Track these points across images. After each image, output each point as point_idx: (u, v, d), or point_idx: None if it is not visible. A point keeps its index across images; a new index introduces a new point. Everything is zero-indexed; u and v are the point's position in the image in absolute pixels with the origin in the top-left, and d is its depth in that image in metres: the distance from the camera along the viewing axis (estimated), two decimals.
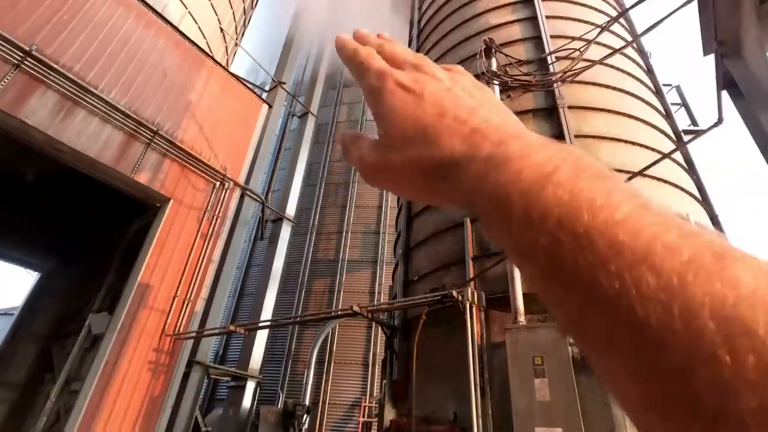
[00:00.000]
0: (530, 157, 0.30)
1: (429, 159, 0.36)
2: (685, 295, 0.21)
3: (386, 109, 0.39)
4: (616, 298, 0.23)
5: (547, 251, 0.26)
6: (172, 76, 8.54)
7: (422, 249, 5.77)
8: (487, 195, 0.31)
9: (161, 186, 7.87)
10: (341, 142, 0.47)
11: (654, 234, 0.24)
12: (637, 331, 0.22)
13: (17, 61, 6.38)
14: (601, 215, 0.25)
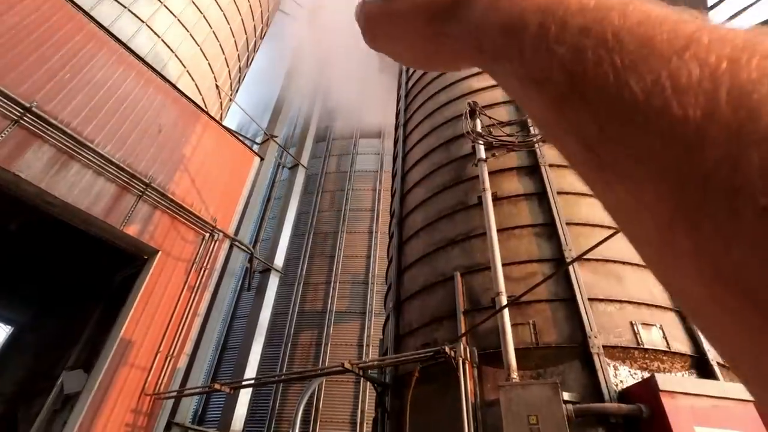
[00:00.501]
0: None
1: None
2: (737, 77, 0.18)
3: None
4: (648, 99, 0.20)
5: (565, 65, 0.24)
6: (167, 131, 8.78)
7: (413, 302, 5.79)
8: (498, 24, 0.28)
9: (150, 238, 7.84)
10: (356, 9, 0.43)
11: (699, 27, 0.20)
12: (670, 129, 0.19)
13: (17, 116, 6.54)
14: (634, 15, 0.22)
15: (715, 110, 0.18)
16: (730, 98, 0.17)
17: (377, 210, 15.63)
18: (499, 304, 4.40)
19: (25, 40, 7.06)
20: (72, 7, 7.82)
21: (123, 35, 9.09)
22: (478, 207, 5.52)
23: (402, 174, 7.72)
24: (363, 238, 15.18)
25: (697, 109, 0.18)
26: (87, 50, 7.82)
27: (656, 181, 0.19)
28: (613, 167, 0.22)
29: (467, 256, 5.39)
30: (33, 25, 7.26)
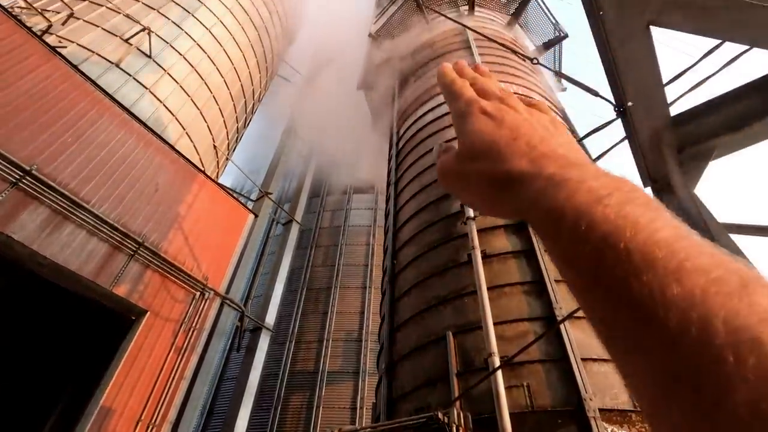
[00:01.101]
0: (587, 182, 0.35)
1: (499, 171, 0.42)
2: (704, 306, 0.24)
3: (469, 128, 0.46)
4: (644, 303, 0.26)
5: (590, 261, 0.30)
6: (163, 190, 8.95)
7: (406, 364, 5.65)
8: (544, 209, 0.36)
9: (139, 298, 7.73)
10: (436, 150, 0.53)
11: (687, 256, 0.27)
12: (658, 333, 0.25)
13: (16, 179, 6.68)
14: (642, 234, 0.29)
15: (688, 327, 0.24)
16: (698, 320, 0.24)
17: (371, 265, 15.60)
18: (492, 366, 4.32)
19: (32, 106, 7.39)
20: (80, 76, 8.27)
21: (127, 101, 9.53)
22: (468, 265, 5.58)
23: (393, 231, 7.83)
24: (356, 293, 15.00)
25: (676, 321, 0.25)
26: (90, 115, 8.16)
27: (649, 369, 0.26)
28: (622, 344, 0.29)
29: (459, 315, 5.36)
30: (41, 93, 7.63)
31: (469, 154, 0.45)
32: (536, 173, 0.39)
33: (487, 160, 0.43)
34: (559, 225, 0.34)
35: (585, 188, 0.34)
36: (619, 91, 2.71)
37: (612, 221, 0.31)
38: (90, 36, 10.27)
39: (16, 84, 7.38)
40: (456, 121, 0.49)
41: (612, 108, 3.30)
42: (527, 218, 0.39)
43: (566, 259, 0.33)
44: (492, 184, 0.43)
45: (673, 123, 3.01)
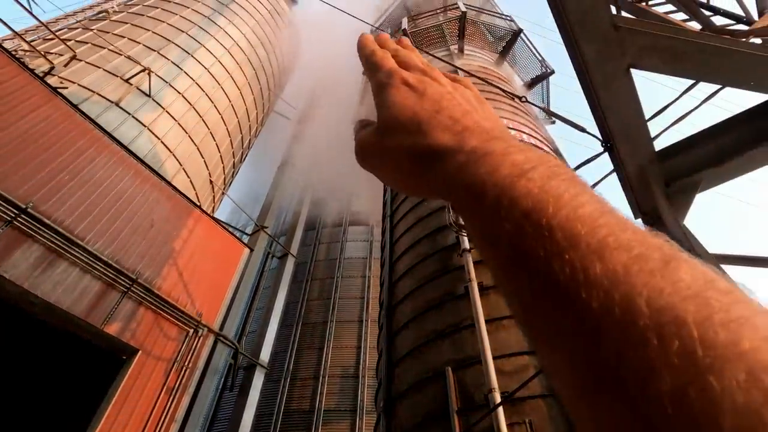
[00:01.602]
0: (510, 155, 0.33)
1: (420, 146, 0.39)
2: (627, 284, 0.23)
3: (389, 101, 0.44)
4: (566, 284, 0.25)
5: (511, 239, 0.28)
6: (159, 226, 8.94)
7: (405, 401, 5.52)
8: (465, 183, 0.34)
9: (131, 336, 7.56)
10: (355, 128, 0.50)
11: (610, 232, 0.26)
12: (580, 316, 0.23)
13: (10, 217, 6.66)
14: (564, 210, 0.28)
15: (611, 309, 0.23)
16: (620, 301, 0.23)
17: (367, 298, 15.43)
18: (493, 402, 4.24)
19: (31, 145, 7.47)
20: (80, 115, 8.43)
21: (125, 138, 9.67)
22: (466, 297, 5.56)
23: (390, 263, 7.82)
24: (353, 327, 14.76)
25: (599, 303, 0.23)
26: (89, 153, 8.26)
27: (571, 358, 0.24)
28: (543, 332, 0.26)
29: (458, 350, 5.29)
30: (40, 132, 7.74)
31: (389, 128, 0.43)
32: (458, 147, 0.37)
33: (407, 133, 0.41)
34: (481, 201, 0.32)
35: (508, 162, 0.33)
36: (605, 128, 2.82)
37: (535, 196, 0.29)
38: (91, 77, 10.54)
39: (16, 124, 7.49)
40: (376, 93, 0.47)
41: (599, 143, 3.42)
42: (448, 195, 0.37)
43: (486, 236, 0.31)
44: (413, 159, 0.40)
45: (659, 157, 3.12)
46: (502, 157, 0.33)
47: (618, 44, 2.39)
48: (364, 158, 0.46)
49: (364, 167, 0.48)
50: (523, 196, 0.29)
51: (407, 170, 0.41)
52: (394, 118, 0.42)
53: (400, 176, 0.43)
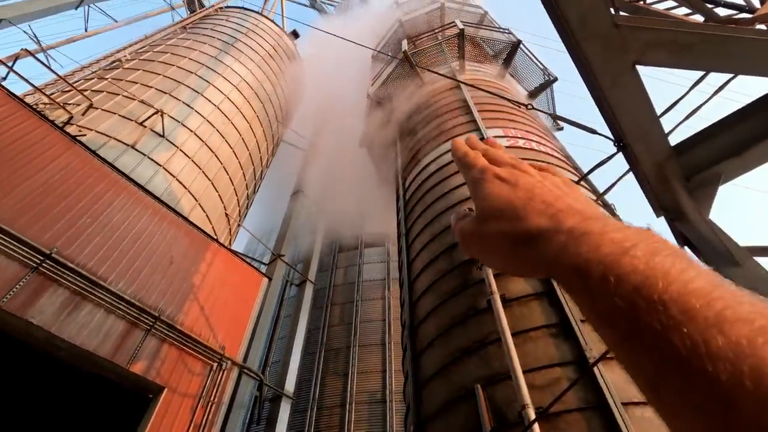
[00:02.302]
0: (609, 234, 0.34)
1: (518, 230, 0.42)
2: (755, 357, 0.23)
3: (485, 193, 0.48)
4: (689, 357, 0.25)
5: (624, 314, 0.29)
6: (178, 262, 9.06)
7: (436, 423, 5.34)
8: (568, 263, 0.35)
9: (157, 374, 7.57)
10: (453, 218, 0.55)
11: (726, 305, 0.26)
12: (708, 387, 0.24)
13: (36, 263, 6.84)
14: (675, 285, 0.28)
15: (741, 381, 0.23)
16: (751, 373, 0.23)
17: (388, 319, 15.25)
18: (527, 419, 4.07)
19: (53, 193, 7.73)
20: (98, 160, 8.72)
21: (142, 179, 9.95)
22: (489, 311, 5.44)
23: (409, 283, 7.74)
24: (376, 351, 14.54)
25: (727, 375, 0.23)
26: (108, 196, 8.50)
27: (701, 429, 0.24)
28: (669, 403, 0.27)
29: (486, 366, 5.14)
30: (61, 180, 8.01)
31: (487, 216, 0.47)
32: (556, 228, 0.39)
33: (505, 219, 0.44)
34: (586, 279, 0.33)
35: (608, 240, 0.34)
36: (616, 127, 2.78)
37: (642, 272, 0.30)
38: (108, 123, 10.95)
39: (38, 174, 7.79)
40: (472, 188, 0.51)
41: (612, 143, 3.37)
42: (551, 274, 0.39)
43: (598, 313, 0.32)
44: (513, 242, 0.43)
45: (675, 152, 3.05)
46: (601, 236, 0.35)
47: (620, 42, 2.37)
48: (468, 245, 0.50)
49: (468, 252, 0.51)
50: (630, 272, 0.30)
51: (508, 253, 0.44)
52: (492, 207, 0.46)
53: (502, 259, 0.46)
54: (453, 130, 9.78)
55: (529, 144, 8.77)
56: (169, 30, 17.64)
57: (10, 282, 6.44)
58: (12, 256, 6.59)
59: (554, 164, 8.30)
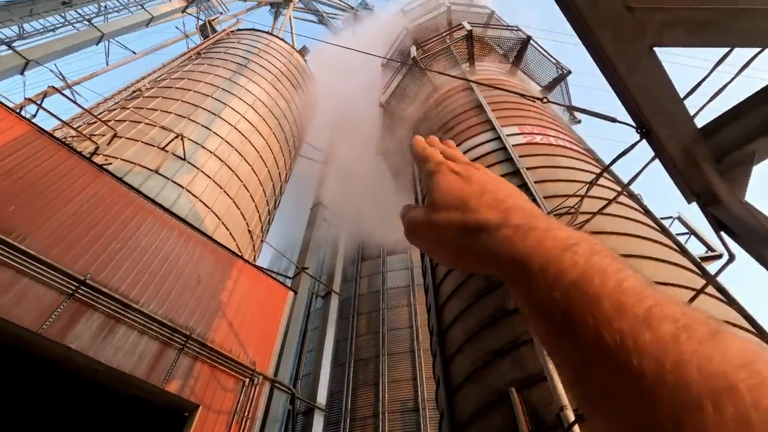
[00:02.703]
0: (554, 231, 0.37)
1: (468, 221, 0.44)
2: (677, 352, 0.25)
3: (439, 184, 0.50)
4: (616, 351, 0.26)
5: (560, 307, 0.31)
6: (205, 281, 9.24)
7: (471, 429, 5.23)
8: (512, 255, 0.37)
9: (191, 392, 7.69)
10: (403, 210, 0.57)
11: (655, 303, 0.28)
12: (633, 382, 0.25)
13: (72, 290, 7.08)
14: (611, 282, 0.31)
15: (663, 376, 0.24)
16: (672, 368, 0.24)
17: (416, 326, 15.12)
18: (566, 422, 3.93)
19: (84, 221, 8.03)
20: (125, 187, 9.03)
21: (167, 202, 10.23)
22: (518, 311, 5.31)
23: (434, 288, 7.66)
24: (405, 358, 14.42)
25: (651, 370, 0.25)
26: (135, 221, 8.77)
27: (626, 424, 0.25)
28: (595, 398, 0.28)
29: (519, 368, 5.01)
30: (90, 208, 8.32)
31: (439, 206, 0.48)
32: (504, 222, 0.41)
33: (456, 210, 0.46)
34: (527, 271, 0.34)
35: (551, 236, 0.36)
36: (638, 113, 2.69)
37: (581, 268, 0.32)
38: (132, 150, 11.34)
39: (69, 204, 8.10)
40: (426, 180, 0.53)
41: (634, 131, 3.26)
42: (494, 267, 0.40)
43: (535, 305, 0.33)
44: (461, 232, 0.45)
45: (703, 134, 2.92)
46: (546, 232, 0.37)
47: (635, 26, 2.30)
48: (415, 234, 0.52)
49: (412, 241, 0.53)
50: (570, 267, 0.32)
51: (455, 245, 0.46)
52: (444, 198, 0.48)
53: (448, 251, 0.47)
54: (467, 132, 9.71)
55: (546, 139, 8.61)
56: (185, 57, 18.23)
57: (49, 309, 6.69)
58: (49, 284, 6.84)
59: (575, 157, 8.13)
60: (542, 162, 7.71)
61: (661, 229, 6.77)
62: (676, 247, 6.36)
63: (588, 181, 6.53)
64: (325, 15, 37.39)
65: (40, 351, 6.58)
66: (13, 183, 7.72)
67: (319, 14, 37.35)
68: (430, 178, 0.52)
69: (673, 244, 6.42)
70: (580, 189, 6.51)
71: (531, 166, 7.52)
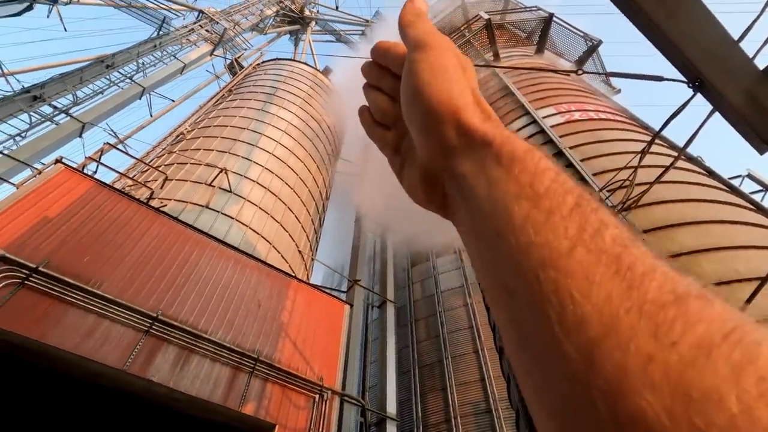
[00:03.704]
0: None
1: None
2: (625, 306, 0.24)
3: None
4: (563, 307, 0.26)
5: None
6: (265, 304, 9.57)
7: None
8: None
9: (266, 413, 7.93)
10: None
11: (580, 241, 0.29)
12: (576, 336, 0.25)
13: (147, 327, 7.57)
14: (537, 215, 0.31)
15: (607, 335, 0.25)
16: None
17: (476, 326, 14.79)
18: None
19: (149, 262, 8.59)
20: (181, 225, 9.58)
21: (219, 233, 10.74)
22: None
23: None
24: (470, 359, 14.11)
25: (594, 330, 0.24)
26: (194, 255, 9.26)
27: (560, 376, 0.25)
28: (535, 354, 0.27)
29: None
30: (153, 249, 8.90)
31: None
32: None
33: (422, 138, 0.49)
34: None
35: None
36: (687, 65, 2.50)
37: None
38: (182, 190, 12.06)
39: (135, 248, 8.72)
40: None
41: (684, 88, 3.03)
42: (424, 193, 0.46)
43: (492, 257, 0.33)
44: (392, 153, 0.55)
45: (766, 75, 2.66)
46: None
47: None
48: (368, 135, 0.60)
49: (370, 138, 0.59)
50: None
51: (389, 157, 0.58)
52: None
53: (389, 157, 0.57)
54: (502, 119, 9.45)
55: (585, 114, 8.22)
56: (218, 96, 19.23)
57: (129, 347, 7.17)
58: (126, 323, 7.35)
59: (620, 128, 7.69)
60: (585, 138, 7.36)
61: (730, 189, 6.22)
62: (750, 206, 5.81)
63: (639, 151, 6.14)
64: (342, 33, 38.22)
65: (123, 386, 7.05)
66: (85, 235, 8.42)
67: (336, 33, 38.22)
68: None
69: (747, 203, 5.87)
70: (631, 160, 6.13)
71: (574, 145, 7.20)
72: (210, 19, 26.05)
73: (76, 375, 6.97)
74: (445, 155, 0.40)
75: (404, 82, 0.45)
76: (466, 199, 0.36)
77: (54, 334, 6.73)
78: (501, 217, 0.30)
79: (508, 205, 0.30)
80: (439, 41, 0.46)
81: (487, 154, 0.36)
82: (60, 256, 7.68)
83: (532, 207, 0.29)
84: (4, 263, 6.79)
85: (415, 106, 0.42)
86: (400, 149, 0.52)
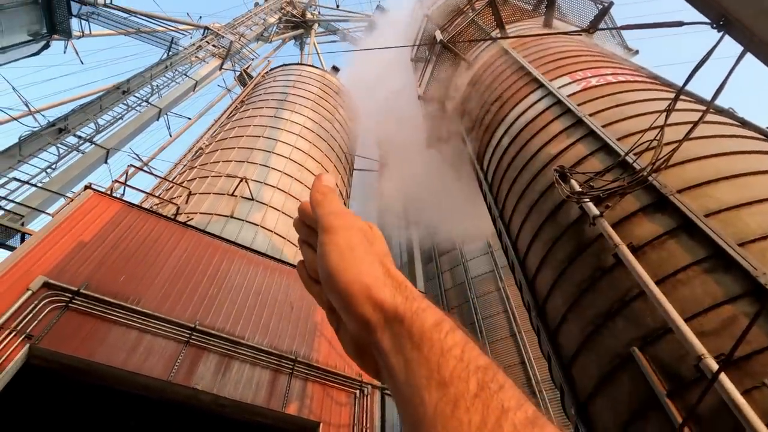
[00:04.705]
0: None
1: None
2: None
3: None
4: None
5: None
6: (297, 306, 9.68)
7: (598, 401, 4.84)
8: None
9: (309, 412, 8.03)
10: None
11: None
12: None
13: (186, 338, 7.78)
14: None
15: None
16: None
17: (510, 309, 14.56)
18: (708, 372, 3.47)
19: (182, 275, 8.82)
20: (208, 237, 9.79)
21: (246, 241, 10.92)
22: (620, 266, 4.86)
23: (519, 262, 7.30)
24: (508, 343, 13.91)
25: None
26: (224, 265, 9.45)
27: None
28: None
29: (635, 325, 4.56)
30: (185, 262, 9.13)
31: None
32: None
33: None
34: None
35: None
36: (709, 2, 2.33)
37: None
38: (207, 203, 12.32)
39: (167, 263, 8.97)
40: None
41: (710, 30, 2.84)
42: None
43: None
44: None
45: None
46: None
47: None
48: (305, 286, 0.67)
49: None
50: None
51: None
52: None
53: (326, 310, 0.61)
54: (515, 97, 9.23)
55: (603, 79, 7.90)
56: (231, 108, 19.55)
57: (172, 358, 7.39)
58: (167, 336, 7.57)
59: (641, 89, 7.35)
60: (605, 104, 7.08)
61: (766, 137, 5.86)
62: None
63: (663, 109, 5.84)
64: (346, 32, 38.16)
65: (168, 396, 7.27)
66: (120, 255, 8.71)
67: (340, 32, 38.19)
68: None
69: None
70: (656, 120, 5.85)
71: (593, 112, 6.93)
72: (215, 34, 26.48)
73: (126, 389, 7.24)
74: (367, 330, 0.44)
75: (318, 264, 0.49)
76: (390, 378, 0.41)
77: (101, 353, 7.00)
78: (417, 409, 0.35)
79: (422, 392, 0.35)
80: (344, 222, 0.50)
81: (400, 331, 0.41)
82: (98, 278, 7.98)
83: (441, 396, 0.34)
84: (47, 289, 7.10)
85: (330, 288, 0.46)
86: (335, 309, 0.53)
